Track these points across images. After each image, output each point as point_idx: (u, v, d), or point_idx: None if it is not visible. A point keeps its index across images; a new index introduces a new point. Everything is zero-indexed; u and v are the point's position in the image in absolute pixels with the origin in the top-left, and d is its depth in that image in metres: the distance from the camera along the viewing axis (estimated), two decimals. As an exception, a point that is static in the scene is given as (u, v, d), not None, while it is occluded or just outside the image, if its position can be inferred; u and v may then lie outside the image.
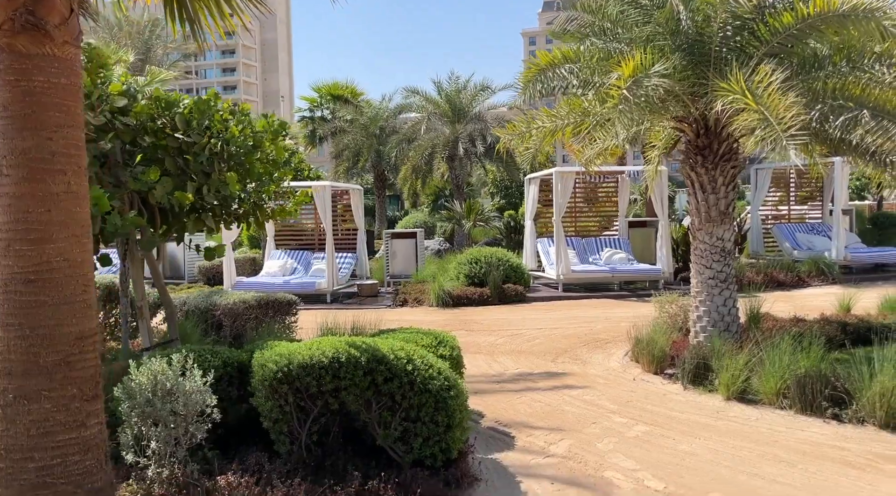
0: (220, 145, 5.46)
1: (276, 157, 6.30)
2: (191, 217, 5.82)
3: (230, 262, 13.74)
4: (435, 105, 20.72)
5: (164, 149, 5.40)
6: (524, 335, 9.75)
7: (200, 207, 5.83)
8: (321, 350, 4.21)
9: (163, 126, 5.40)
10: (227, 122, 5.75)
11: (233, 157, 5.59)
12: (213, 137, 5.51)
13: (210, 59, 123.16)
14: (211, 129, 5.54)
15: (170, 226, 5.87)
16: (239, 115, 5.82)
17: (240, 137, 5.60)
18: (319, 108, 30.49)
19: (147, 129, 5.36)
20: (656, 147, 9.71)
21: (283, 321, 8.43)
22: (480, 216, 17.66)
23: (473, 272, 13.20)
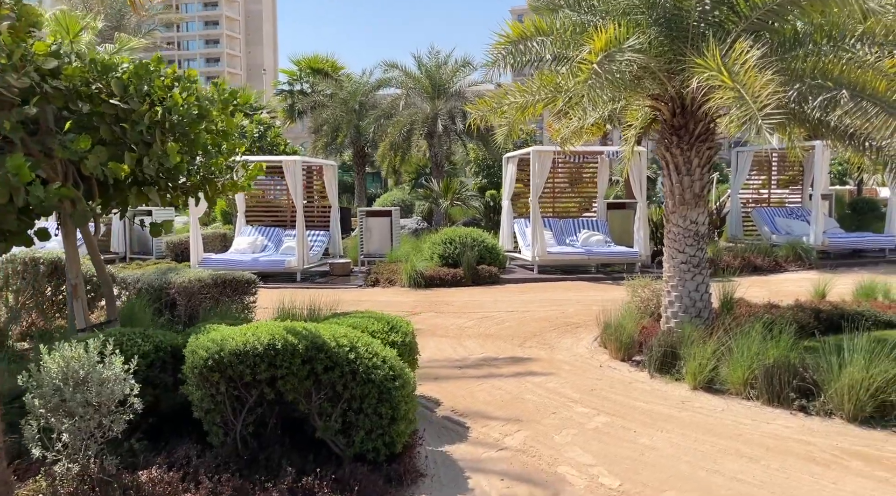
0: (161, 113, 5.09)
1: (227, 127, 5.94)
2: (132, 190, 5.46)
3: (197, 238, 13.35)
4: (415, 80, 20.26)
5: (101, 116, 5.02)
6: (494, 318, 9.51)
7: (143, 180, 5.47)
8: (256, 336, 3.92)
9: (98, 91, 5.01)
10: (173, 88, 5.37)
11: (175, 126, 5.22)
12: (155, 105, 5.14)
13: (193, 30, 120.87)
14: (151, 96, 5.16)
15: (109, 199, 5.50)
16: (184, 81, 5.44)
17: (183, 106, 5.23)
18: (299, 82, 29.84)
19: (81, 94, 4.98)
20: (633, 126, 9.43)
21: (241, 301, 8.11)
22: (458, 195, 17.34)
23: (447, 252, 12.92)
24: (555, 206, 16.16)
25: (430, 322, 9.20)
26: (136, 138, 5.07)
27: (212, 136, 5.72)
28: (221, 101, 5.83)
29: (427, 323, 9.13)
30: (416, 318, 9.47)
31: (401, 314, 9.97)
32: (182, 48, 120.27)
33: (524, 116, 7.70)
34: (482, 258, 13.00)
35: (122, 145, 5.17)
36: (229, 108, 5.94)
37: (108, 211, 5.68)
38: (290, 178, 13.26)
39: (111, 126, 5.01)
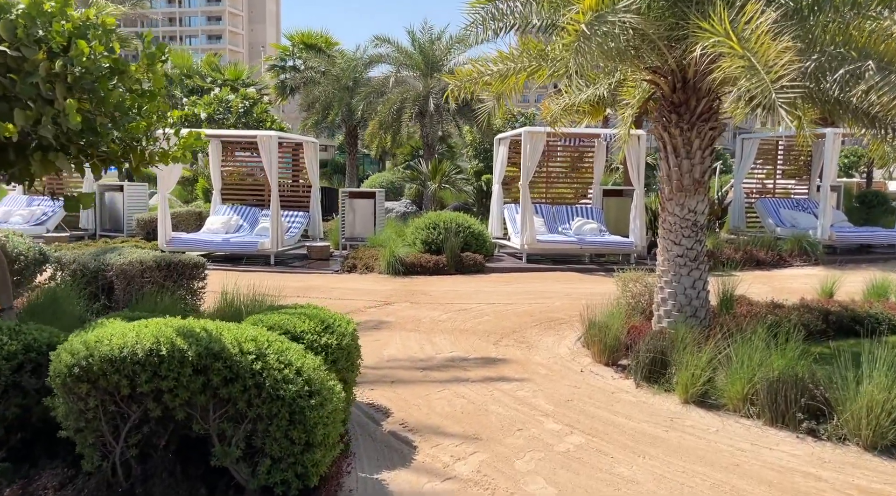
0: (61, 65, 4.27)
1: (154, 86, 5.10)
2: (35, 156, 4.65)
3: (165, 216, 12.54)
4: (406, 56, 19.33)
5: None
6: (472, 310, 8.73)
7: (48, 144, 4.66)
8: (138, 338, 3.13)
9: (-19, 36, 4.19)
10: (84, 37, 4.53)
11: (78, 80, 4.39)
12: (55, 54, 4.31)
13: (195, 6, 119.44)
14: (50, 44, 4.33)
15: (7, 165, 4.70)
16: (94, 29, 4.60)
17: (90, 57, 4.40)
18: (291, 58, 28.81)
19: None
20: (630, 105, 8.59)
21: (188, 286, 7.33)
22: (447, 178, 16.48)
23: (431, 238, 12.11)
24: (548, 192, 15.32)
25: (402, 313, 8.42)
26: (29, 93, 4.25)
27: (131, 96, 4.89)
28: (146, 56, 4.99)
29: (398, 314, 8.35)
30: (387, 309, 8.70)
31: (372, 304, 9.25)
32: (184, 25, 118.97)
33: (504, 87, 6.85)
34: (468, 245, 12.20)
35: (17, 101, 4.36)
36: (157, 65, 5.10)
37: (8, 181, 4.87)
38: (265, 154, 12.43)
39: (-3, 77, 4.19)
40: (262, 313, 4.31)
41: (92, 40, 4.56)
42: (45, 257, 7.23)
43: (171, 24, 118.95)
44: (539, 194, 15.05)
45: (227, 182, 15.10)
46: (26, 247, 7.03)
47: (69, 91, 4.53)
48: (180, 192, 21.88)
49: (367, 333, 7.32)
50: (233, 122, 20.73)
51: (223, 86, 25.26)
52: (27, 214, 14.74)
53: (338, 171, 29.33)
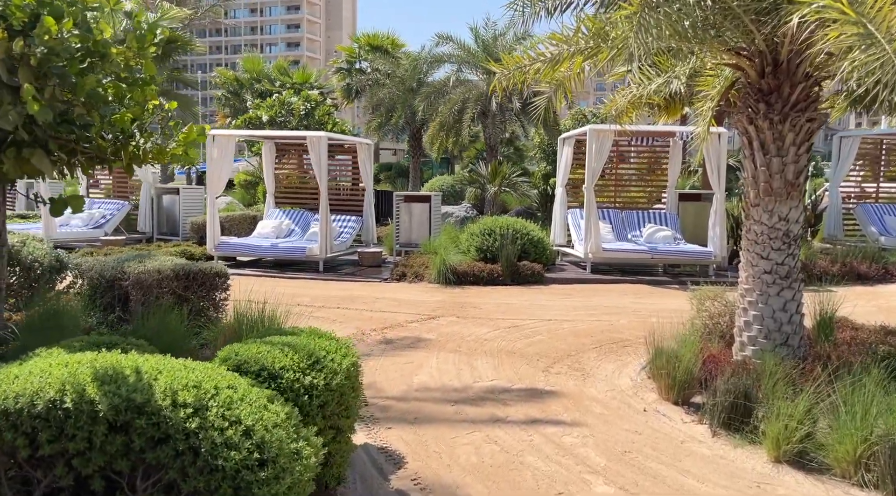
0: (21, 45, 3.66)
1: (145, 73, 4.47)
2: (8, 153, 4.08)
3: (214, 220, 12.17)
4: (469, 54, 18.51)
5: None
6: (524, 328, 7.81)
7: (22, 141, 4.08)
8: (42, 384, 2.42)
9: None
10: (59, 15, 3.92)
11: (44, 64, 3.78)
12: (15, 34, 3.71)
13: (276, 15, 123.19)
14: (9, 20, 3.73)
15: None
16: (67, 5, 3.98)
17: (56, 36, 3.77)
18: (357, 60, 28.53)
19: None
20: (709, 97, 7.46)
21: (211, 297, 6.73)
22: (507, 180, 15.51)
23: (485, 245, 11.23)
24: (617, 196, 14.17)
25: (445, 330, 7.58)
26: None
27: (113, 83, 4.27)
28: (136, 38, 4.35)
29: (441, 331, 7.52)
30: (430, 324, 7.88)
31: (415, 317, 8.44)
32: (265, 33, 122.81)
33: (557, 73, 5.92)
34: (526, 253, 11.25)
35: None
36: (149, 48, 4.46)
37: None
38: (315, 156, 11.87)
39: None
40: (245, 342, 3.56)
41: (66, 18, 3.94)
42: (62, 264, 6.78)
43: (253, 32, 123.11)
44: (607, 198, 13.93)
45: (283, 185, 14.69)
46: (42, 253, 6.60)
47: (44, 78, 3.92)
48: (242, 195, 21.83)
49: (400, 353, 6.53)
50: (294, 124, 20.46)
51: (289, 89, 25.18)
52: (87, 217, 14.77)
53: (402, 174, 28.83)
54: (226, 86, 32.08)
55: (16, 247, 6.49)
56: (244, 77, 32.00)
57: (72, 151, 4.40)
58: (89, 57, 4.03)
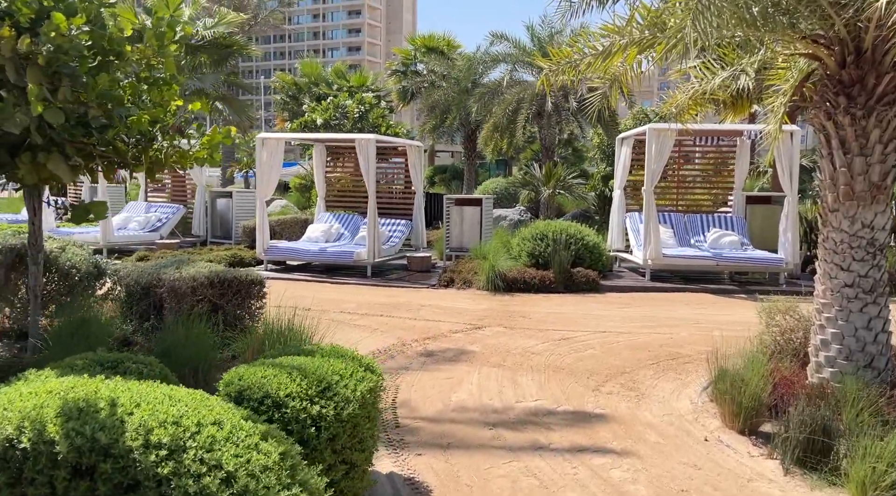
0: (28, 43, 3.46)
1: (166, 72, 4.25)
2: (24, 157, 3.92)
3: (263, 224, 12.10)
4: (524, 53, 18.01)
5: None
6: (575, 340, 7.32)
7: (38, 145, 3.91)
8: (1, 418, 2.15)
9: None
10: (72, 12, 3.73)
11: (53, 63, 3.58)
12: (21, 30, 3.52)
13: (337, 20, 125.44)
14: (15, 17, 3.54)
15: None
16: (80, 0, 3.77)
17: (64, 34, 3.56)
18: (413, 62, 28.36)
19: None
20: (781, 92, 6.82)
21: (247, 306, 6.52)
22: (562, 183, 14.94)
23: (537, 250, 10.76)
24: (679, 199, 13.44)
25: (491, 341, 7.18)
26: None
27: (130, 84, 4.05)
28: (155, 35, 4.13)
29: (485, 342, 7.12)
30: (475, 335, 7.49)
31: (460, 327, 8.05)
32: (326, 38, 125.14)
33: (610, 66, 5.44)
34: (580, 259, 10.72)
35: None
36: (170, 46, 4.23)
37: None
38: (363, 159, 11.64)
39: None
40: (252, 364, 3.26)
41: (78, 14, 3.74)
42: (100, 270, 6.71)
43: (316, 38, 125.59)
44: (668, 201, 13.22)
45: (334, 188, 14.56)
46: (80, 259, 6.53)
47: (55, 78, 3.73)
48: (297, 198, 21.93)
49: (440, 367, 6.16)
50: (349, 127, 20.42)
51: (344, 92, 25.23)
52: (143, 221, 15.00)
53: (457, 176, 28.50)
54: (285, 90, 32.52)
55: (54, 253, 6.45)
56: (302, 81, 32.37)
57: (89, 155, 4.22)
58: (103, 55, 3.82)
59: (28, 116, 3.60)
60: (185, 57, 18.69)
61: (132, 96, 4.10)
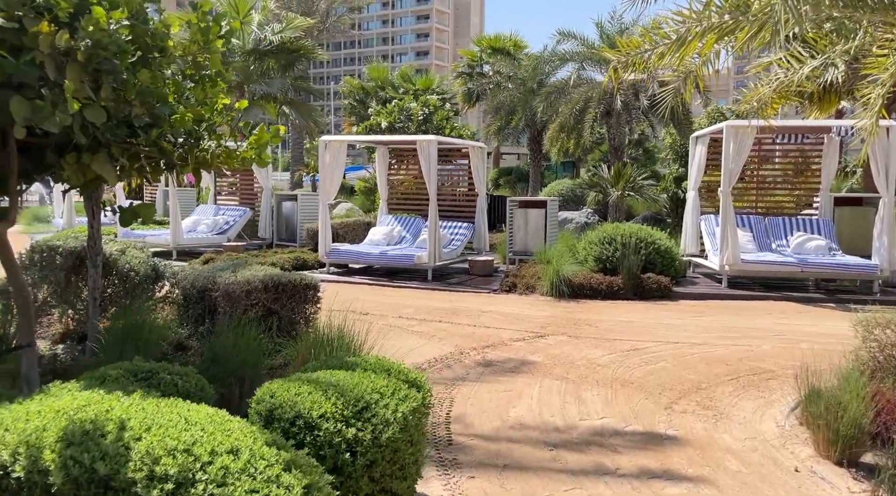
0: (66, 38, 3.33)
1: (211, 68, 4.08)
2: (69, 158, 3.81)
3: (325, 227, 12.05)
4: (592, 50, 17.41)
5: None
6: (645, 351, 6.84)
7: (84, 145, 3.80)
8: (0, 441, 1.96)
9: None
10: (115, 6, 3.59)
11: (93, 59, 3.43)
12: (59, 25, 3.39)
13: (406, 25, 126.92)
14: (54, 11, 3.42)
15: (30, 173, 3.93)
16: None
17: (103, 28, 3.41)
18: (479, 64, 28.06)
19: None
20: (880, 82, 6.18)
21: (301, 311, 6.36)
22: (632, 184, 14.29)
23: (605, 255, 10.25)
24: (759, 200, 12.62)
25: (554, 351, 6.78)
26: (31, 75, 3.37)
27: (174, 81, 3.90)
28: (200, 31, 3.97)
29: (548, 352, 6.73)
30: (537, 344, 7.10)
31: (521, 335, 7.66)
32: (395, 43, 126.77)
33: (682, 58, 4.98)
34: (651, 264, 10.15)
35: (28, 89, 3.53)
36: (216, 42, 4.06)
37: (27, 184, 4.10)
38: (424, 161, 11.42)
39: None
40: (288, 378, 3.01)
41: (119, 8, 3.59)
42: (157, 273, 6.69)
43: (384, 43, 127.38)
44: (747, 203, 12.44)
45: (397, 191, 14.41)
46: (138, 261, 6.52)
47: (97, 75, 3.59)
48: (362, 201, 21.98)
49: (499, 379, 5.82)
50: (413, 129, 20.31)
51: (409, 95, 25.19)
52: (211, 223, 15.25)
53: (522, 178, 28.01)
54: (352, 94, 32.81)
55: (113, 255, 6.46)
56: (369, 85, 32.58)
57: (135, 156, 4.09)
58: (145, 51, 3.67)
59: (69, 116, 3.47)
60: (254, 62, 19.05)
61: (176, 94, 3.95)
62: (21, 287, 3.81)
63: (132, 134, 3.98)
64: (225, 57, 4.21)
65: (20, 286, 3.80)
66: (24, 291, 3.82)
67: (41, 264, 6.07)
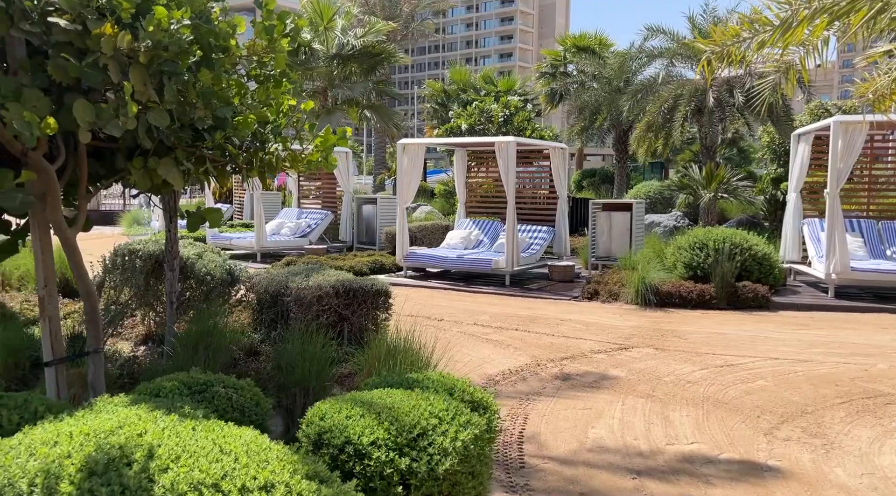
0: (129, 39, 3.25)
1: (275, 68, 3.94)
2: (135, 162, 3.77)
3: (403, 230, 11.95)
4: (683, 46, 16.57)
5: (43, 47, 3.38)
6: (741, 368, 6.27)
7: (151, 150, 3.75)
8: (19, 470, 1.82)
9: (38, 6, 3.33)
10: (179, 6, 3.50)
11: (155, 60, 3.34)
12: (122, 27, 3.32)
13: (489, 28, 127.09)
14: (117, 12, 3.34)
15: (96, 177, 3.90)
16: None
17: (165, 28, 3.31)
18: (562, 63, 27.45)
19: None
20: None
21: (371, 317, 6.20)
22: (725, 185, 13.40)
23: (695, 261, 9.62)
24: (871, 203, 11.57)
25: (638, 365, 6.33)
26: (94, 79, 3.32)
27: (235, 81, 3.78)
28: (264, 29, 3.84)
29: (632, 366, 6.28)
30: (620, 357, 6.67)
31: (603, 347, 7.18)
32: (479, 46, 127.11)
33: (787, 43, 4.46)
34: (747, 271, 9.45)
35: (94, 93, 3.50)
36: (281, 42, 3.92)
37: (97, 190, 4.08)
38: (502, 162, 11.11)
39: (55, 58, 3.31)
40: (339, 398, 2.80)
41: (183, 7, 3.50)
42: (233, 278, 6.69)
43: (468, 47, 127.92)
44: (857, 206, 11.42)
45: (476, 193, 14.17)
46: (215, 265, 6.54)
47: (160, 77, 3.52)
48: (442, 204, 21.87)
49: (578, 395, 5.44)
50: (494, 131, 20.05)
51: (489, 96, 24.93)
52: (294, 226, 15.49)
53: (606, 180, 27.16)
54: (434, 98, 32.88)
55: (191, 259, 6.50)
56: (451, 88, 32.55)
57: (200, 159, 4.00)
58: (209, 52, 3.56)
59: (133, 119, 3.40)
60: (337, 66, 19.30)
61: (239, 95, 3.83)
62: (89, 292, 3.78)
63: (197, 137, 3.91)
64: (308, 61, 4.08)
65: (88, 291, 3.78)
66: (92, 297, 3.79)
67: (122, 267, 6.17)
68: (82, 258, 3.80)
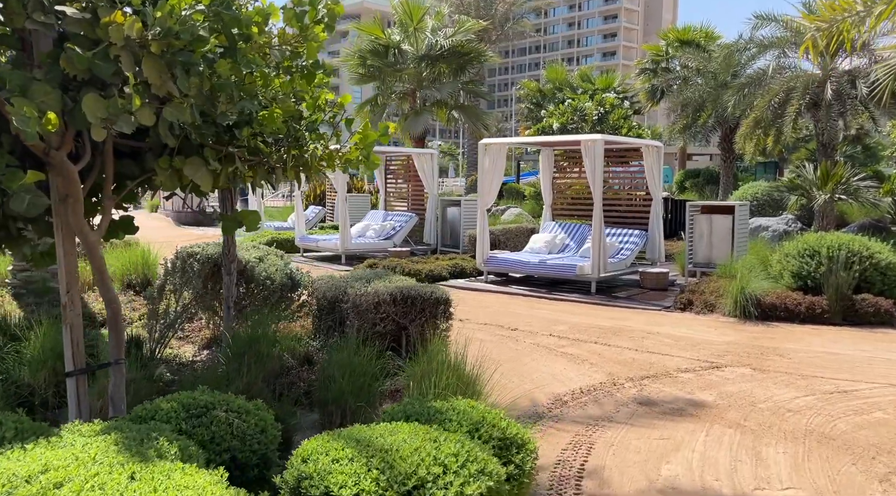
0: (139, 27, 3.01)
1: (307, 58, 3.61)
2: (161, 162, 3.56)
3: (483, 232, 11.52)
4: (796, 34, 15.12)
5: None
6: (855, 396, 5.40)
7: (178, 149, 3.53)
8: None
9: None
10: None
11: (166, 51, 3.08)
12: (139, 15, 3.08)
13: (592, 26, 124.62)
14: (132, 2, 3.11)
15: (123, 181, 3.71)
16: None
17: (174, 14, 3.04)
18: (664, 59, 26.08)
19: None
20: None
21: (432, 327, 5.81)
22: (844, 186, 11.98)
23: (805, 270, 8.59)
24: None
25: (730, 388, 5.58)
26: (106, 71, 3.11)
27: (260, 73, 3.48)
28: (294, 16, 3.53)
29: (723, 389, 5.55)
30: (710, 377, 5.93)
31: (692, 365, 6.38)
32: (581, 46, 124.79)
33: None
34: (867, 282, 8.32)
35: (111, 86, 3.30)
36: (316, 29, 3.60)
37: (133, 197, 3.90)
38: (589, 162, 10.44)
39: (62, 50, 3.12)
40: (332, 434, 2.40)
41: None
42: (294, 282, 6.51)
43: (570, 46, 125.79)
44: None
45: (564, 195, 13.52)
46: (275, 270, 6.37)
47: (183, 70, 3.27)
48: (532, 206, 21.26)
49: (655, 422, 4.82)
50: (587, 130, 19.24)
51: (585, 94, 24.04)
52: (379, 229, 15.40)
53: (711, 181, 25.51)
54: (528, 97, 32.25)
55: (251, 263, 6.37)
56: (547, 87, 31.82)
57: (229, 158, 3.74)
58: (231, 41, 3.28)
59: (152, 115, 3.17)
60: (426, 67, 19.11)
61: (264, 88, 3.53)
62: (111, 299, 3.60)
63: (229, 135, 3.65)
64: (396, 63, 3.77)
65: (110, 298, 3.60)
66: (115, 304, 3.61)
67: (182, 270, 6.11)
68: (105, 264, 3.63)
